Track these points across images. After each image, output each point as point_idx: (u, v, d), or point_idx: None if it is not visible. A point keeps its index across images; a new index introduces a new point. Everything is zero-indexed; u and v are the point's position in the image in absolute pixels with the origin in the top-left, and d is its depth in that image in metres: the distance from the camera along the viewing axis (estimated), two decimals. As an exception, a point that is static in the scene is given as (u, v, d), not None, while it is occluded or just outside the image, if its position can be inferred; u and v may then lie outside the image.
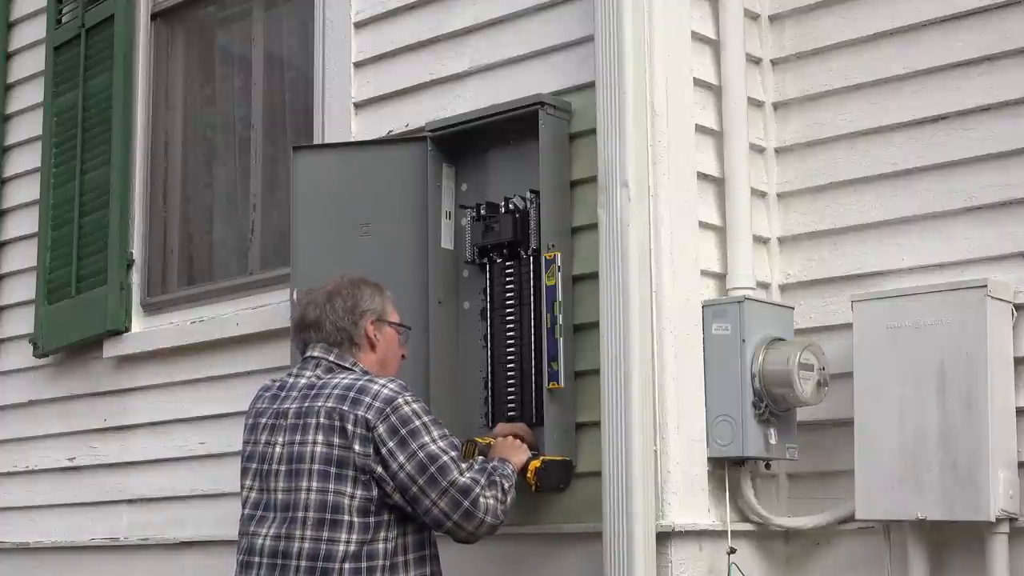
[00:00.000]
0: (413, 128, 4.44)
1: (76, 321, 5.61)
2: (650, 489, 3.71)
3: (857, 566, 3.97)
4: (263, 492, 3.42)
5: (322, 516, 3.30)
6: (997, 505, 3.61)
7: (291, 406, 3.43)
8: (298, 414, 3.40)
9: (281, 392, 3.50)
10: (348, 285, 3.60)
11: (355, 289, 3.59)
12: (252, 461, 3.49)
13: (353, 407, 3.34)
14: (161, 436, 5.33)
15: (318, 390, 3.42)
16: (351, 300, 3.56)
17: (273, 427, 3.44)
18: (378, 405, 3.33)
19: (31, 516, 5.86)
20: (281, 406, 3.46)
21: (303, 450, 3.36)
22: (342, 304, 3.55)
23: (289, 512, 3.35)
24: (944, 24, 3.99)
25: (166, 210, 5.63)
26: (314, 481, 3.32)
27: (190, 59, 5.74)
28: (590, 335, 3.89)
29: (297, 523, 3.33)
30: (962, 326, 3.69)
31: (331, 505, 3.30)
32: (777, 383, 3.85)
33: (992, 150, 3.88)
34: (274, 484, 3.40)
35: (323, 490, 3.31)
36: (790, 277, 4.22)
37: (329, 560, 3.28)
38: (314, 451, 3.34)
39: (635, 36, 3.86)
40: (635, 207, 3.79)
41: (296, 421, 3.40)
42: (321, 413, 3.36)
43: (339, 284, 3.60)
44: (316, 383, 3.45)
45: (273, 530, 3.36)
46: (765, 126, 4.28)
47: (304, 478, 3.34)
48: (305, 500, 3.32)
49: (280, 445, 3.40)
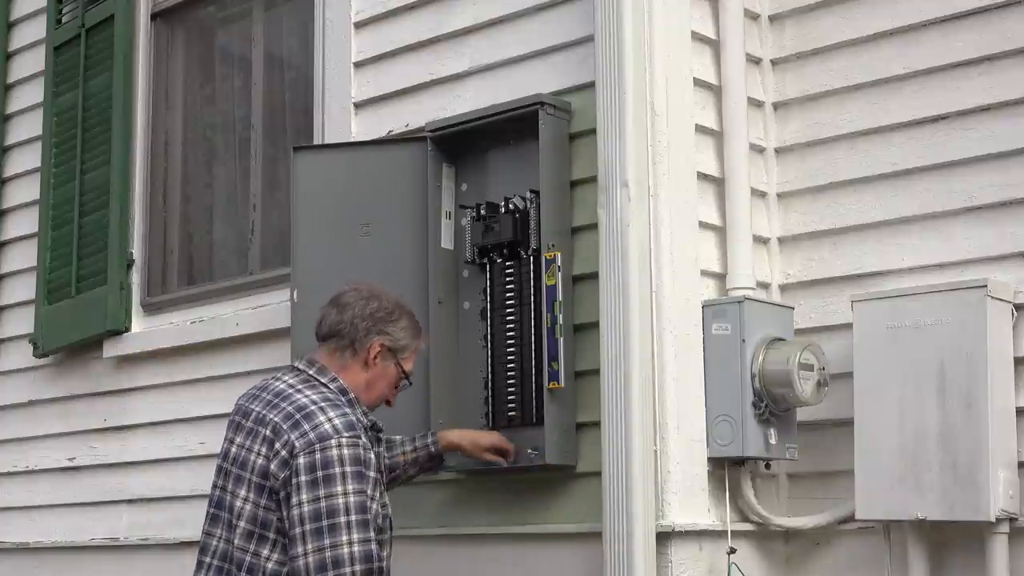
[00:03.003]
0: (413, 128, 4.44)
1: (76, 321, 5.60)
2: (650, 489, 3.71)
3: (857, 566, 3.97)
4: (224, 491, 3.38)
5: (251, 529, 3.26)
6: (997, 505, 3.61)
7: (256, 408, 3.38)
8: (256, 419, 3.35)
9: (259, 393, 3.45)
10: (394, 304, 3.51)
11: (396, 311, 3.51)
12: (222, 459, 3.44)
13: (291, 429, 3.24)
14: (161, 436, 5.33)
15: (280, 400, 3.35)
16: (383, 313, 3.48)
17: (238, 426, 3.40)
18: (311, 437, 3.22)
19: (31, 516, 5.86)
20: (249, 406, 3.41)
21: (247, 457, 3.31)
22: (373, 311, 3.47)
23: (232, 516, 3.31)
24: (944, 24, 3.99)
25: (166, 210, 5.64)
26: (251, 492, 3.27)
27: (190, 59, 5.74)
28: (590, 335, 3.89)
29: (235, 531, 3.29)
30: (962, 326, 3.69)
31: (260, 520, 3.25)
32: (777, 383, 3.85)
33: (992, 150, 3.88)
34: (227, 484, 3.37)
35: (256, 503, 3.26)
36: (790, 277, 4.22)
37: (253, 573, 3.25)
38: (256, 462, 3.28)
39: (635, 36, 3.86)
40: (635, 207, 3.79)
41: (252, 426, 3.35)
42: (269, 426, 3.29)
43: (389, 296, 3.53)
44: (284, 391, 3.37)
45: (225, 533, 3.34)
46: (765, 126, 4.28)
47: (243, 486, 3.29)
48: (240, 509, 3.28)
49: (236, 446, 3.37)
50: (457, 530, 4.16)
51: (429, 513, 4.19)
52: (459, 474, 4.16)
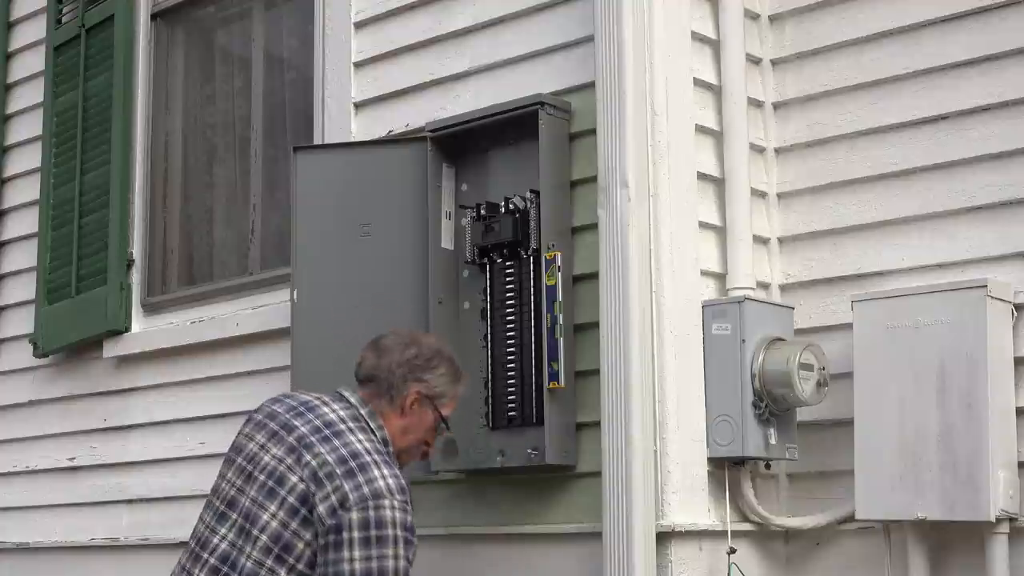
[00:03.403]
0: (413, 128, 4.44)
1: (76, 321, 5.60)
2: (650, 489, 3.71)
3: (857, 566, 3.97)
4: (241, 493, 3.35)
5: (272, 547, 3.24)
6: (997, 505, 3.61)
7: (301, 427, 3.34)
8: (300, 440, 3.31)
9: (300, 409, 3.41)
10: (433, 351, 3.49)
11: (435, 358, 3.49)
12: (236, 453, 3.42)
13: (345, 476, 3.23)
14: (161, 436, 5.33)
15: (331, 433, 3.32)
16: (422, 360, 3.46)
17: (275, 434, 3.36)
18: (365, 491, 3.21)
19: (31, 516, 5.86)
20: (292, 420, 3.37)
21: (286, 476, 3.28)
22: (411, 358, 3.45)
23: (248, 524, 3.29)
24: (944, 24, 3.99)
25: (166, 210, 5.63)
26: (282, 511, 3.25)
27: (190, 59, 5.74)
28: (590, 335, 3.89)
29: (252, 541, 3.27)
30: (962, 326, 3.68)
31: (284, 542, 3.23)
32: (777, 383, 3.85)
33: (992, 150, 3.88)
34: (246, 487, 3.34)
35: (285, 524, 3.24)
36: (790, 277, 4.22)
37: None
38: (296, 485, 3.26)
39: (635, 36, 3.86)
40: (635, 207, 3.79)
41: (296, 445, 3.31)
42: (318, 459, 3.26)
43: (430, 342, 3.51)
44: (334, 424, 3.35)
45: (233, 537, 3.31)
46: (765, 126, 4.28)
47: (274, 502, 3.27)
48: (265, 523, 3.26)
49: (272, 456, 3.33)
50: (457, 530, 4.16)
51: (429, 513, 4.18)
52: (459, 474, 4.16)
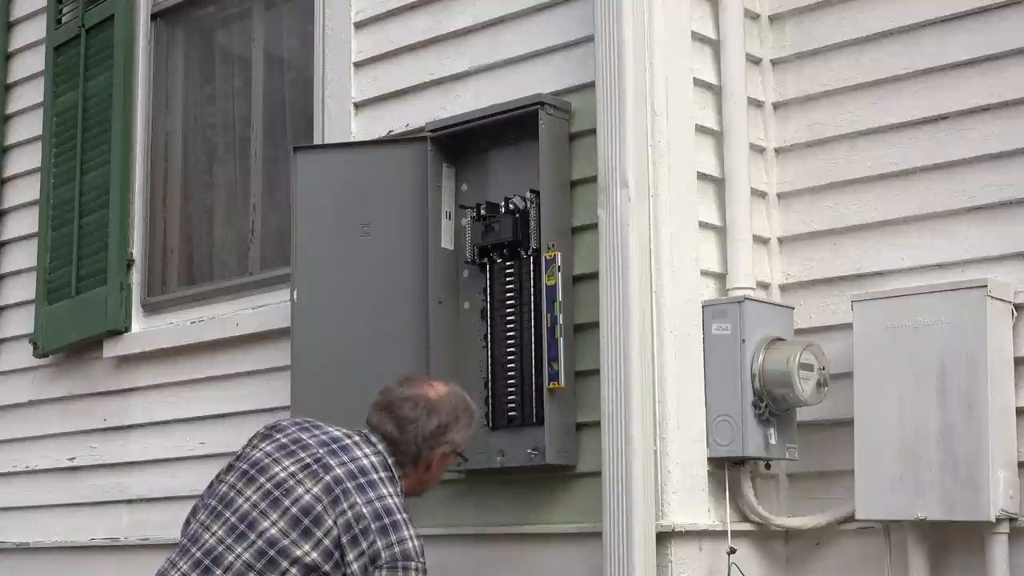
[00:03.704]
0: (413, 128, 4.44)
1: (76, 321, 5.60)
2: (650, 489, 3.71)
3: (857, 566, 3.97)
4: (240, 496, 3.37)
5: (267, 551, 3.26)
6: (997, 505, 3.61)
7: (333, 463, 3.37)
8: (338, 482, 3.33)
9: (330, 439, 3.44)
10: (451, 406, 3.54)
11: (455, 415, 3.54)
12: (244, 462, 3.44)
13: (379, 533, 3.29)
14: (161, 436, 5.33)
15: (366, 484, 3.36)
16: (444, 428, 3.52)
17: (305, 465, 3.38)
18: (396, 552, 3.29)
19: (31, 516, 5.86)
20: (321, 453, 3.39)
21: (323, 518, 3.29)
22: (435, 428, 3.50)
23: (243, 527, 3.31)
24: (944, 24, 3.99)
25: (166, 210, 5.63)
26: (283, 521, 3.29)
27: (190, 59, 5.74)
28: (590, 335, 3.89)
29: (246, 543, 3.29)
30: (962, 326, 3.69)
31: (280, 548, 3.26)
32: (777, 383, 3.85)
33: (992, 150, 3.88)
34: (249, 493, 3.36)
35: (285, 533, 3.27)
36: (790, 277, 4.22)
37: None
38: (331, 529, 3.28)
39: (635, 36, 3.86)
40: (635, 207, 3.79)
41: (333, 487, 3.33)
42: (355, 509, 3.30)
43: (445, 400, 3.55)
44: (369, 473, 3.38)
45: (223, 534, 3.33)
46: (765, 126, 4.28)
47: (276, 511, 3.30)
48: (264, 528, 3.29)
49: (307, 491, 3.33)
50: (457, 530, 4.16)
51: (429, 513, 4.18)
52: (459, 474, 4.16)
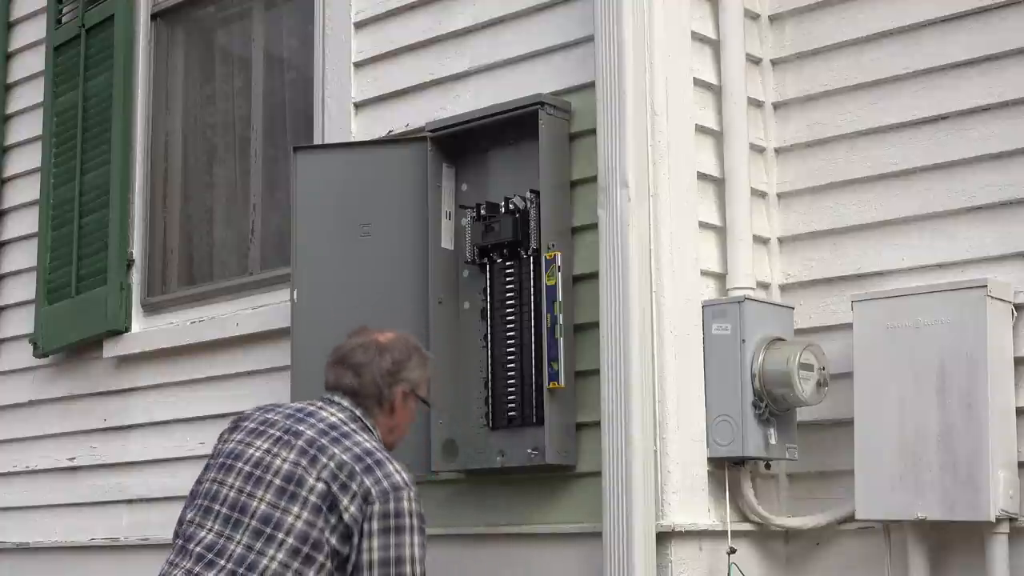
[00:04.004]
0: (413, 128, 4.44)
1: (76, 321, 5.60)
2: (650, 489, 3.71)
3: (857, 566, 3.97)
4: (242, 494, 3.35)
5: (300, 547, 3.26)
6: (997, 505, 3.61)
7: (307, 432, 3.39)
8: (311, 443, 3.36)
9: (298, 413, 3.47)
10: (401, 346, 3.58)
11: (406, 353, 3.58)
12: (234, 459, 3.42)
13: (365, 473, 3.30)
14: (161, 436, 5.33)
15: (339, 435, 3.39)
16: (398, 365, 3.55)
17: (279, 440, 3.39)
18: (386, 486, 3.30)
19: (31, 516, 5.86)
20: (296, 426, 3.41)
21: (305, 477, 3.31)
22: (389, 365, 3.54)
23: (268, 528, 3.29)
24: (944, 24, 3.99)
25: (166, 210, 5.64)
26: (306, 512, 3.29)
27: (190, 59, 5.74)
28: (590, 335, 3.89)
29: (275, 543, 3.27)
30: (962, 326, 3.69)
31: (313, 540, 3.27)
32: (777, 383, 3.85)
33: (992, 150, 3.88)
34: (263, 494, 3.35)
35: (311, 523, 3.28)
36: (790, 277, 4.22)
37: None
38: (315, 485, 3.30)
39: (635, 36, 3.86)
40: (635, 207, 3.79)
41: (307, 448, 3.35)
42: (334, 459, 3.32)
43: (395, 341, 3.59)
44: (340, 427, 3.42)
45: (241, 537, 3.31)
46: (765, 126, 4.28)
47: (297, 504, 3.30)
48: (291, 525, 3.28)
49: (283, 460, 3.35)
50: (457, 530, 4.15)
51: (429, 513, 4.17)
52: (459, 474, 4.16)
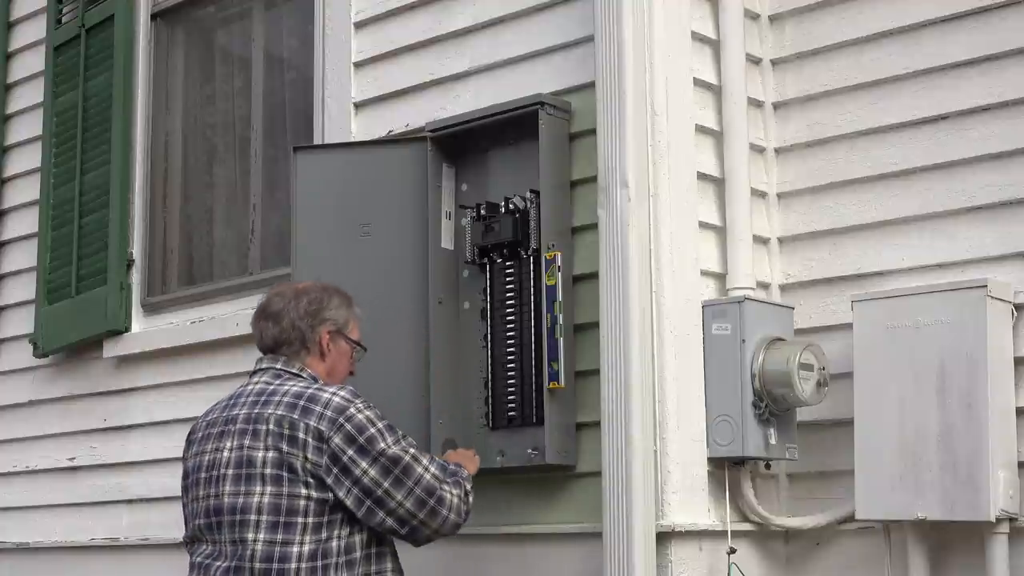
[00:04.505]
0: (413, 128, 4.44)
1: (76, 321, 5.61)
2: (650, 489, 3.71)
3: (857, 566, 3.97)
4: (223, 497, 3.35)
5: (276, 519, 3.28)
6: (997, 505, 3.61)
7: (240, 412, 3.41)
8: (248, 419, 3.37)
9: (231, 401, 3.49)
10: (318, 289, 3.60)
11: (324, 294, 3.59)
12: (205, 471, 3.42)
13: (304, 416, 3.31)
14: (161, 436, 5.33)
15: (268, 396, 3.39)
16: (316, 304, 3.56)
17: (222, 433, 3.41)
18: (330, 415, 3.30)
19: (31, 516, 5.86)
20: (231, 413, 3.43)
21: (253, 455, 3.32)
22: (306, 305, 3.55)
23: (237, 515, 3.31)
24: (944, 24, 3.99)
25: (166, 210, 5.64)
26: (268, 485, 3.29)
27: (190, 59, 5.74)
28: (590, 335, 3.89)
29: (254, 527, 3.29)
30: (962, 326, 3.68)
31: (285, 508, 3.28)
32: (777, 383, 3.85)
33: (992, 150, 3.88)
34: (225, 488, 3.35)
35: (277, 494, 3.28)
36: (790, 277, 4.22)
37: (284, 561, 3.26)
38: (265, 456, 3.30)
39: (635, 36, 3.86)
40: (635, 207, 3.79)
41: (245, 426, 3.37)
42: (271, 420, 3.33)
43: (310, 286, 3.62)
44: (267, 388, 3.43)
45: (231, 535, 3.32)
46: (765, 126, 4.28)
47: (256, 483, 3.30)
48: (258, 504, 3.29)
49: (228, 450, 3.37)
50: (457, 530, 4.16)
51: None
52: (459, 474, 4.16)
